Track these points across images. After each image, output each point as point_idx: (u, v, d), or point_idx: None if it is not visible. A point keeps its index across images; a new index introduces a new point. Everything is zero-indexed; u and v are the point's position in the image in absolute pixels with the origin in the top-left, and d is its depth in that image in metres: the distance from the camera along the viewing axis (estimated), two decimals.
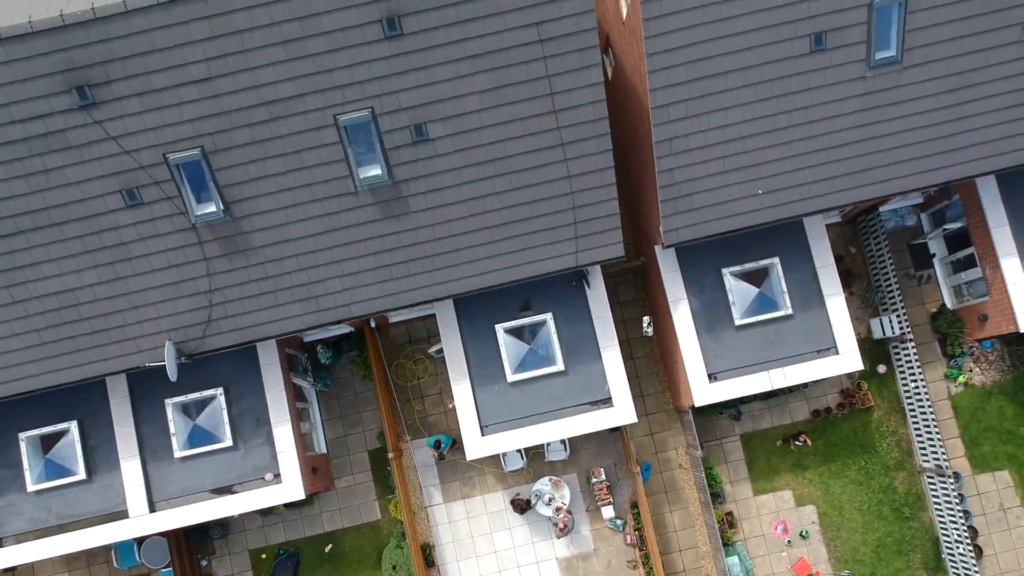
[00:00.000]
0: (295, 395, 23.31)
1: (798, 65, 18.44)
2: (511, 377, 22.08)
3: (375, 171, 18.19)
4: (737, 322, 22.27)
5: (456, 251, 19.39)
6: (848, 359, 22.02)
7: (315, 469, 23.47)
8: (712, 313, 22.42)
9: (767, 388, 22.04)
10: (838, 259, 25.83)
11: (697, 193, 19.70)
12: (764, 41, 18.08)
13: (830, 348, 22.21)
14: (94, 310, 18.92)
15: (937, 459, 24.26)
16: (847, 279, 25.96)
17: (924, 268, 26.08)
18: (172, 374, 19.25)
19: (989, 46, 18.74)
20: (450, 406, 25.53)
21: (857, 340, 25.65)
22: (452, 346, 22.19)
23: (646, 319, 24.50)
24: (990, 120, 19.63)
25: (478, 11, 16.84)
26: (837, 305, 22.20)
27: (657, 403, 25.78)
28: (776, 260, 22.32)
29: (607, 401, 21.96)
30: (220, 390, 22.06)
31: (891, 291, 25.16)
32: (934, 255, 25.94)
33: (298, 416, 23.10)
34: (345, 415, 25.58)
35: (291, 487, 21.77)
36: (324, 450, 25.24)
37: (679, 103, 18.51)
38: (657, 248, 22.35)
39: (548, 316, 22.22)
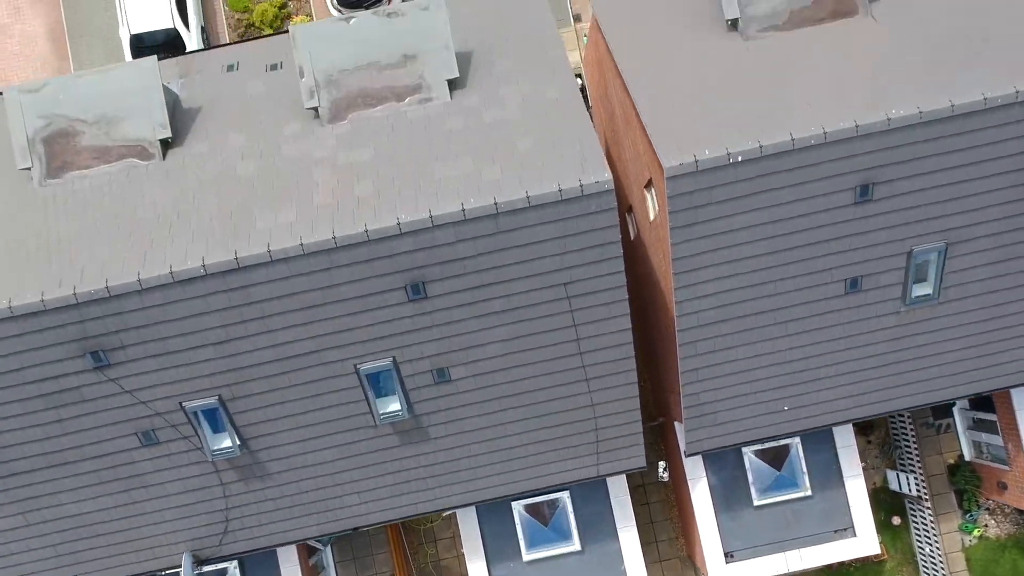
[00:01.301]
0: (308, 554, 23.31)
1: (831, 305, 17.93)
2: (527, 556, 22.02)
3: (395, 407, 17.81)
4: (756, 502, 22.14)
5: (475, 468, 19.16)
6: (865, 542, 21.94)
7: None
8: (730, 491, 22.26)
9: (783, 571, 22.00)
10: None
11: (722, 411, 19.38)
12: (798, 287, 17.54)
13: (847, 529, 22.12)
14: (109, 528, 18.76)
15: None
16: (865, 428, 25.71)
17: (944, 417, 25.80)
18: None
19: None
20: (462, 551, 25.49)
21: (872, 489, 25.59)
22: (467, 523, 22.07)
23: (662, 464, 24.37)
24: (1023, 343, 19.23)
25: (503, 276, 16.29)
26: (856, 487, 22.02)
27: (671, 549, 25.78)
28: (797, 440, 22.05)
29: None
30: (235, 563, 21.99)
31: (908, 446, 24.97)
32: (954, 404, 25.64)
33: None
34: (358, 556, 25.59)
35: None
36: None
37: (708, 339, 18.07)
38: (676, 424, 22.08)
39: (565, 495, 22.05)
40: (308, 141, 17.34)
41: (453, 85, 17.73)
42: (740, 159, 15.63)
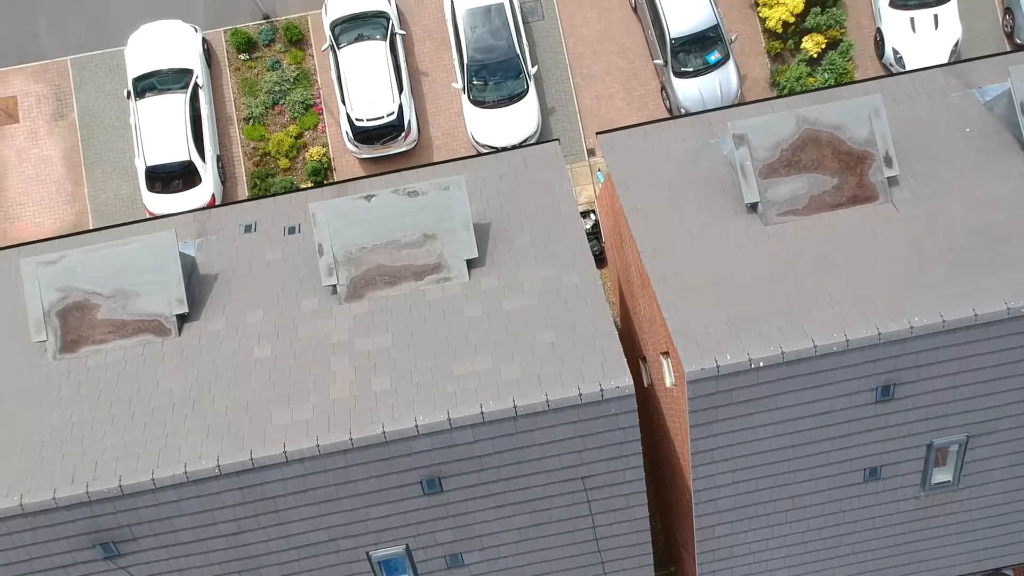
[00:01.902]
0: None
1: (849, 492, 17.76)
2: None
3: None
4: None
5: None
6: None
7: None
8: None
9: None
10: None
11: None
12: (816, 476, 17.38)
13: None
14: None
15: None
16: None
17: None
18: None
19: None
20: None
21: None
22: None
23: None
24: None
25: (521, 471, 16.13)
26: None
27: None
28: None
29: None
30: None
31: None
32: None
33: None
34: None
35: None
36: None
37: (725, 524, 17.87)
38: None
39: None
40: (326, 322, 17.25)
41: (472, 263, 17.70)
42: (761, 364, 15.53)
